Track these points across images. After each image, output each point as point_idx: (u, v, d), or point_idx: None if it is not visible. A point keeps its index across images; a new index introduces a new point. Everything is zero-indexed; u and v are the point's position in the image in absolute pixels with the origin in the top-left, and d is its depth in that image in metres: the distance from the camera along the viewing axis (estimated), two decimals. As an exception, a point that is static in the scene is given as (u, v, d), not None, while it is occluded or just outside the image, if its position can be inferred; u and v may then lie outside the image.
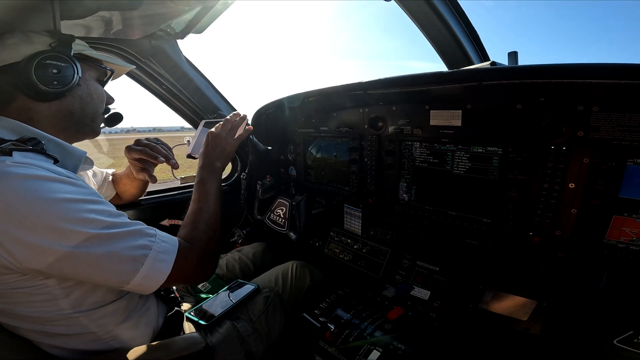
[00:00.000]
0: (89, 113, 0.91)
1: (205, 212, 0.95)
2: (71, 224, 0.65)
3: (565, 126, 0.92)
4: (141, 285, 0.73)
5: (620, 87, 0.79)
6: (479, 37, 1.47)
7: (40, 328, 0.74)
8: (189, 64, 1.69)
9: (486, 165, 1.10)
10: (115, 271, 0.70)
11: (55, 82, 0.79)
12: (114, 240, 0.69)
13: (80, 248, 0.65)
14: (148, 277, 0.73)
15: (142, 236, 0.74)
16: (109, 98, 1.00)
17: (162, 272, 0.75)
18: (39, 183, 0.65)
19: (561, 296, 0.97)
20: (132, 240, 0.72)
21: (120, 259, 0.70)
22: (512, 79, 0.91)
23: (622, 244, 0.88)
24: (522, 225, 1.04)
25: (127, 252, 0.70)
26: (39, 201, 0.64)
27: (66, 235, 0.64)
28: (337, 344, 1.09)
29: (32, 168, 0.66)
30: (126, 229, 0.72)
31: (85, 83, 0.89)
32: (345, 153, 1.55)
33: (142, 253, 0.72)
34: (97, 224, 0.68)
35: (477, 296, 1.13)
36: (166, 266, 0.75)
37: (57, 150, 0.80)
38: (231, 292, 1.26)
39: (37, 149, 0.72)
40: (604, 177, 0.88)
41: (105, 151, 2.76)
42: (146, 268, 0.72)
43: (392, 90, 1.20)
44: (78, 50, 0.86)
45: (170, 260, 0.76)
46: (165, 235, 0.80)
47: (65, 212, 0.65)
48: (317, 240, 1.73)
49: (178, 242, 0.81)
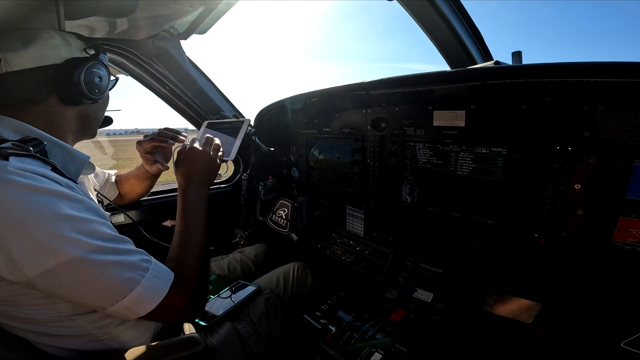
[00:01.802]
0: (100, 117, 0.94)
1: (194, 246, 0.88)
2: (62, 242, 0.62)
3: (571, 126, 0.90)
4: (118, 313, 0.70)
5: (626, 86, 0.78)
6: (482, 37, 1.46)
7: (38, 329, 0.73)
8: (192, 64, 1.69)
9: (490, 166, 1.09)
10: (95, 297, 0.67)
11: (97, 90, 0.82)
12: (101, 266, 0.65)
13: (65, 267, 0.62)
14: (127, 308, 0.69)
15: (133, 269, 0.69)
16: None
17: (144, 307, 0.70)
18: (35, 196, 0.62)
19: (567, 299, 0.96)
20: (121, 270, 0.67)
21: (102, 285, 0.66)
22: (517, 78, 0.90)
23: (629, 245, 0.87)
24: (527, 226, 1.03)
25: (111, 281, 0.66)
26: (32, 216, 0.61)
27: (54, 253, 0.61)
28: (338, 346, 1.08)
29: (30, 177, 0.63)
30: (117, 258, 0.67)
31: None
32: (347, 154, 1.55)
33: (128, 286, 0.68)
34: (88, 246, 0.64)
35: (480, 299, 1.12)
36: (150, 303, 0.71)
37: (59, 153, 0.79)
38: (232, 293, 1.26)
39: (36, 154, 0.69)
40: (610, 177, 0.87)
41: (108, 153, 2.78)
42: (128, 300, 0.68)
43: (395, 90, 1.20)
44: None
45: (156, 298, 0.71)
46: (161, 270, 0.75)
47: (58, 230, 0.62)
48: (319, 242, 1.72)
49: (172, 282, 0.75)
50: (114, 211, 1.58)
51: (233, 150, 1.38)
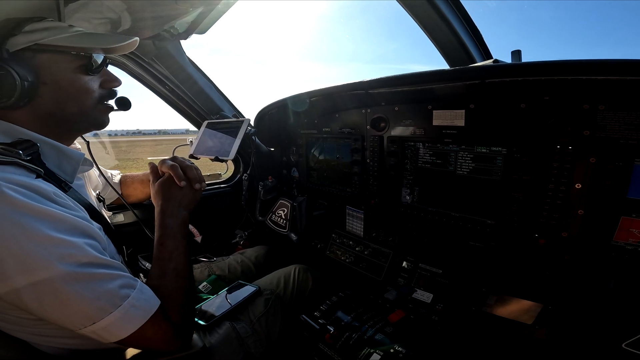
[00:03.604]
0: (74, 111, 0.80)
1: (178, 277, 0.83)
2: (32, 264, 0.59)
3: (571, 125, 0.90)
4: (89, 335, 0.67)
5: (626, 84, 0.77)
6: (482, 36, 1.45)
7: (31, 330, 0.73)
8: (192, 64, 1.69)
9: (490, 166, 1.08)
10: (62, 319, 0.65)
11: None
12: (69, 292, 0.61)
13: (32, 289, 0.60)
14: (96, 334, 0.66)
15: (107, 297, 0.65)
16: (111, 81, 0.88)
17: (114, 335, 0.68)
18: (10, 212, 0.59)
19: (567, 299, 0.95)
20: (91, 299, 0.63)
21: (70, 311, 0.63)
22: (516, 77, 0.89)
23: (630, 245, 0.86)
24: (527, 226, 1.02)
25: (78, 306, 0.63)
26: (3, 234, 0.58)
27: (22, 274, 0.59)
28: (336, 346, 1.07)
29: (10, 190, 0.60)
30: (89, 285, 0.64)
31: (53, 79, 0.76)
32: (347, 154, 1.54)
33: (97, 314, 0.64)
34: (58, 271, 0.60)
35: (480, 299, 1.11)
36: (121, 332, 0.68)
37: (53, 153, 0.79)
38: (232, 293, 1.25)
39: (19, 161, 0.66)
40: (611, 177, 0.86)
41: (109, 153, 2.78)
42: (96, 327, 0.65)
43: (394, 89, 1.19)
44: (28, 42, 0.72)
45: (129, 328, 0.68)
46: (145, 298, 0.71)
47: (28, 251, 0.59)
48: (319, 242, 1.72)
49: (153, 312, 0.71)
50: (116, 210, 1.59)
51: (232, 150, 1.39)
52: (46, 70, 0.75)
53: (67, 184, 0.80)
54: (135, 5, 1.10)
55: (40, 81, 0.74)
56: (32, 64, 0.73)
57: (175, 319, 0.77)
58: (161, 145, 25.51)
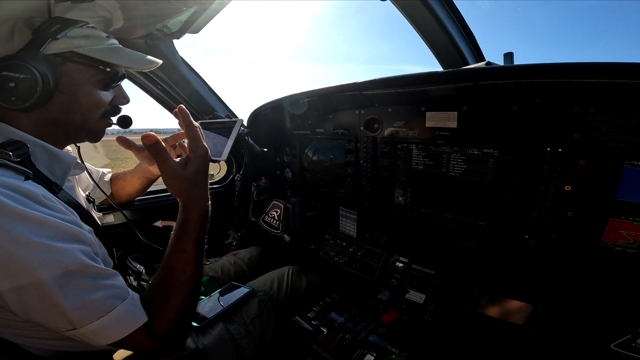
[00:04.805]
0: (77, 122, 0.80)
1: (185, 292, 0.78)
2: (13, 269, 0.58)
3: (562, 128, 0.90)
4: (73, 337, 0.67)
5: (616, 86, 0.78)
6: (475, 38, 1.47)
7: (19, 332, 0.72)
8: (185, 64, 1.68)
9: (482, 168, 1.08)
10: (45, 322, 0.64)
11: (13, 98, 0.67)
12: (51, 299, 0.60)
13: (13, 293, 0.59)
14: (79, 338, 0.66)
15: (91, 307, 0.64)
16: (122, 98, 0.88)
17: (95, 342, 0.67)
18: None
19: (557, 300, 0.96)
20: (73, 308, 0.62)
21: (52, 316, 0.63)
22: (508, 79, 0.90)
23: (619, 247, 0.87)
24: (518, 228, 1.03)
25: (62, 313, 0.62)
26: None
27: (4, 277, 0.58)
28: (330, 347, 1.07)
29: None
30: (74, 293, 0.62)
31: (71, 89, 0.75)
32: (341, 155, 1.54)
33: (78, 322, 0.64)
34: (40, 277, 0.59)
35: (472, 300, 1.11)
36: (103, 340, 0.67)
37: (45, 155, 0.77)
38: (225, 295, 1.25)
39: (8, 162, 0.65)
40: (600, 179, 0.87)
41: (99, 152, 2.74)
42: (78, 332, 0.65)
43: (387, 91, 1.19)
44: (66, 49, 0.72)
45: (111, 337, 0.68)
46: (132, 312, 0.70)
47: (10, 256, 0.58)
48: (312, 243, 1.72)
49: (138, 327, 0.70)
50: (106, 211, 1.57)
51: (225, 151, 1.37)
52: (69, 79, 0.74)
53: (58, 186, 0.78)
54: (129, 4, 1.08)
55: (58, 89, 0.73)
56: (58, 71, 0.72)
57: (165, 330, 0.75)
58: (153, 144, 25.14)
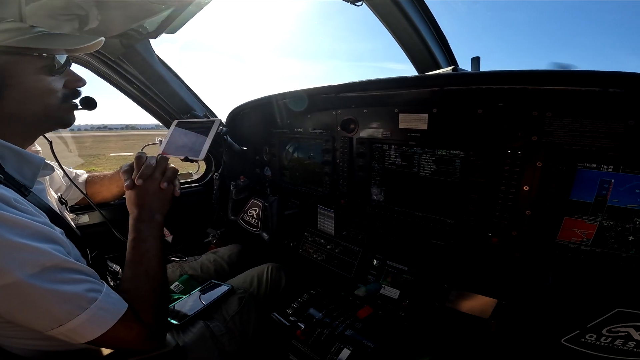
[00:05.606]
0: (37, 112, 0.79)
1: (151, 278, 0.84)
2: (1, 267, 0.59)
3: (521, 131, 0.95)
4: (58, 336, 0.67)
5: (570, 93, 0.83)
6: (447, 41, 1.50)
7: (2, 333, 0.72)
8: (161, 63, 1.66)
9: (450, 168, 1.13)
10: (29, 322, 0.65)
11: None
12: (33, 296, 0.62)
13: (3, 290, 0.60)
14: (65, 335, 0.67)
15: (74, 300, 0.66)
16: (75, 81, 0.87)
17: (83, 336, 0.69)
18: None
19: (517, 295, 1.01)
20: (57, 301, 0.64)
21: (36, 313, 0.64)
22: (470, 85, 0.94)
23: (573, 244, 0.93)
24: (482, 226, 1.08)
25: (45, 310, 0.63)
26: None
27: None
28: (309, 342, 1.10)
29: None
30: (55, 287, 0.64)
31: (18, 80, 0.75)
32: (319, 154, 1.57)
33: (64, 317, 0.65)
34: (19, 275, 0.60)
35: (443, 295, 1.16)
36: (90, 333, 0.69)
37: (13, 157, 0.76)
38: (205, 293, 1.26)
39: None
40: (555, 180, 0.92)
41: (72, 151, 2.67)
42: (64, 328, 0.66)
43: (361, 94, 1.22)
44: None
45: (97, 329, 0.69)
46: (112, 302, 0.72)
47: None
48: (292, 241, 1.74)
49: (122, 314, 0.72)
50: (80, 211, 1.55)
51: (203, 150, 1.37)
52: (9, 72, 0.73)
53: (27, 188, 0.78)
54: (105, 3, 1.06)
55: (5, 83, 0.72)
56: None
57: (148, 320, 0.78)
58: (128, 140, 24.28)
